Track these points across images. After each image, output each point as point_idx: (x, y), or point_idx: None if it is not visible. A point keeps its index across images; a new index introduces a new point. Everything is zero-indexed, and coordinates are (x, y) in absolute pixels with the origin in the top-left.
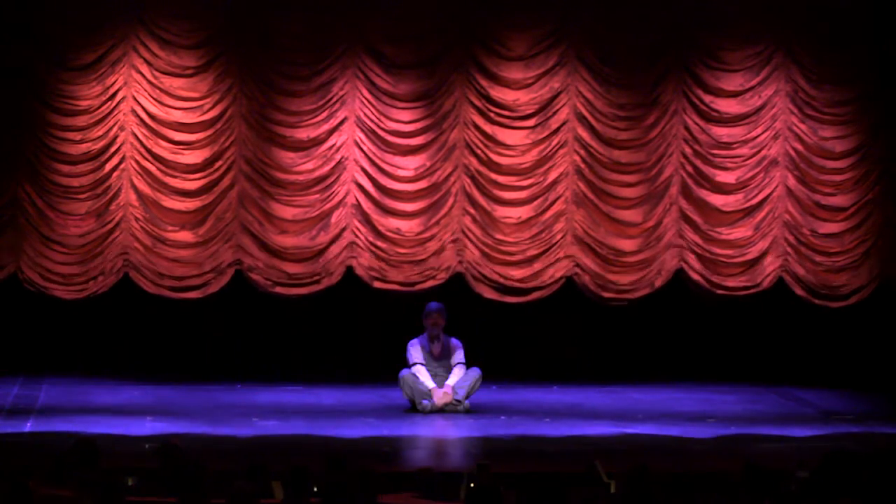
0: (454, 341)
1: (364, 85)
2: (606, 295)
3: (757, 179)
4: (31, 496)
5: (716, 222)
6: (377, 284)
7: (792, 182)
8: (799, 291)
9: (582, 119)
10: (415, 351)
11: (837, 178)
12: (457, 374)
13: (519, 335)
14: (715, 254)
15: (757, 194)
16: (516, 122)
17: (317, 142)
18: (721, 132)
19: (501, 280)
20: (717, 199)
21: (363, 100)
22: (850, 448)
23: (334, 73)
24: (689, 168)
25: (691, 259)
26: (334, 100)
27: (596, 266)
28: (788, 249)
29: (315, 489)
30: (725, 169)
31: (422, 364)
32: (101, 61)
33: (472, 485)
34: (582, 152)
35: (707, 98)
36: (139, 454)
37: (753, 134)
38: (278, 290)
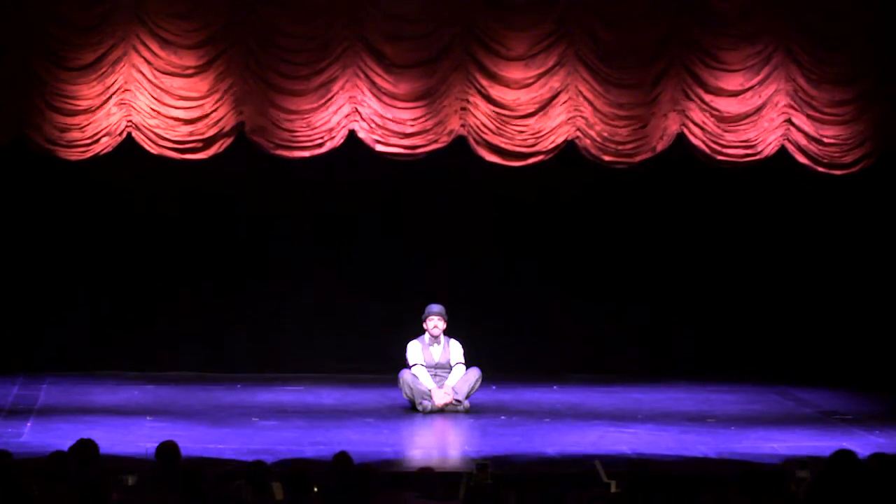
0: (453, 342)
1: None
2: (607, 158)
3: None
4: (29, 496)
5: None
6: (380, 148)
7: None
8: (801, 159)
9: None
10: (414, 351)
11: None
12: (457, 374)
13: (519, 333)
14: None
15: None
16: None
17: None
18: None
19: (503, 144)
20: None
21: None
22: (854, 450)
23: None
24: None
25: (692, 125)
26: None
27: (596, 133)
28: (789, 110)
29: (315, 489)
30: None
31: (421, 365)
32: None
33: (471, 485)
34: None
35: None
36: (139, 454)
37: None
38: (280, 152)
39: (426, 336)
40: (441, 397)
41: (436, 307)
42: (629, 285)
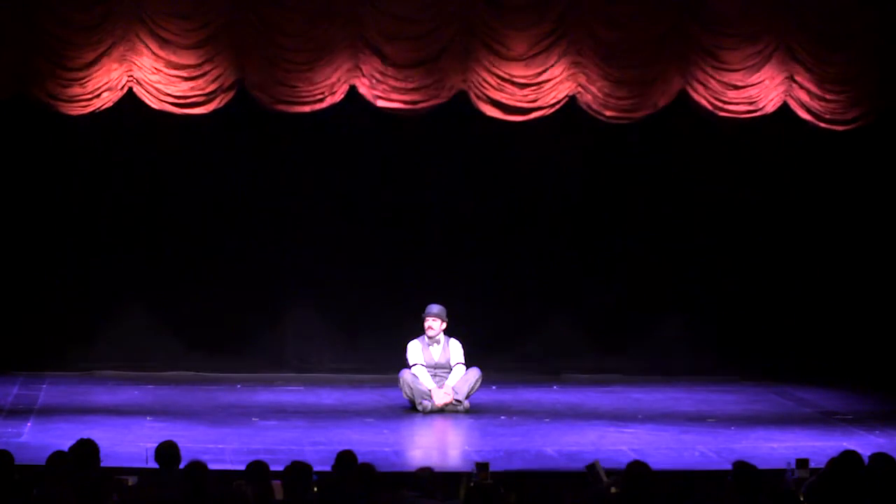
0: (454, 341)
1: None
2: (609, 113)
3: None
4: (30, 496)
5: None
6: (380, 103)
7: None
8: (804, 115)
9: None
10: (414, 351)
11: None
12: (457, 374)
13: (519, 333)
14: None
15: None
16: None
17: None
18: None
19: (504, 99)
20: None
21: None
22: (856, 450)
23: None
24: None
25: (695, 83)
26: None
27: (598, 89)
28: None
29: (315, 489)
30: None
31: (421, 364)
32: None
33: (471, 485)
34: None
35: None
36: (139, 454)
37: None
38: (280, 107)
39: (426, 336)
40: (441, 397)
41: (435, 307)
42: (629, 285)
